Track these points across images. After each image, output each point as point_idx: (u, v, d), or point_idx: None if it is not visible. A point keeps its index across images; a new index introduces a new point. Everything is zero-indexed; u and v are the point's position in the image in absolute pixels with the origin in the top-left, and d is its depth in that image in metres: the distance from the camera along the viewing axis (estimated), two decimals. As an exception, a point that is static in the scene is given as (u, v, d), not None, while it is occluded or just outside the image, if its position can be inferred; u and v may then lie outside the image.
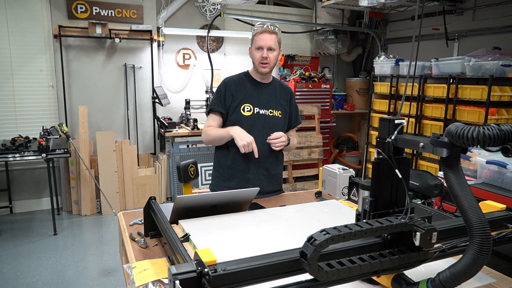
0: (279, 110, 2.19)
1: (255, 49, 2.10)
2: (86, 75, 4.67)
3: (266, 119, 2.15)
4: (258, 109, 2.14)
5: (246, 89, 2.16)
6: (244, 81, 2.18)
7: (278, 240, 1.44)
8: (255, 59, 2.12)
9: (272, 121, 2.16)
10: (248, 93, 2.15)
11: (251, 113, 2.13)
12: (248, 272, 0.85)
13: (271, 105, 2.17)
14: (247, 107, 2.13)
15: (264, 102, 2.16)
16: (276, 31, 2.11)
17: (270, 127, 2.14)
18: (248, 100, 2.14)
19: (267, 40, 2.07)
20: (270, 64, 2.11)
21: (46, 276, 3.18)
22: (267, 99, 2.18)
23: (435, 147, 0.93)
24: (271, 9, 5.68)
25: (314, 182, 5.05)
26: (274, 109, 2.18)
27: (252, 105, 2.14)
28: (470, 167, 2.17)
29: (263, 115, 2.14)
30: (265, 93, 2.18)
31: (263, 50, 2.07)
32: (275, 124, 2.17)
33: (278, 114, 2.19)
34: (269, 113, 2.16)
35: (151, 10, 4.84)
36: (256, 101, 2.15)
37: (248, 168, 2.14)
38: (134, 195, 4.71)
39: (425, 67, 4.23)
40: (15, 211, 4.54)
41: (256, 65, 2.13)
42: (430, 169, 4.07)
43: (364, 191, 1.15)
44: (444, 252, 1.05)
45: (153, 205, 1.46)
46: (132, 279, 1.20)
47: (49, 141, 3.91)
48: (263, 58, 2.08)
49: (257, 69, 2.14)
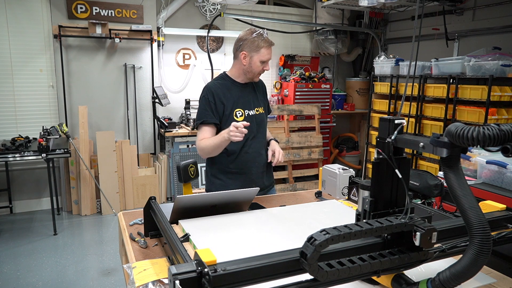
0: (261, 106, 2.22)
1: (260, 61, 2.07)
2: (86, 75, 4.67)
3: (256, 118, 2.16)
4: (248, 111, 2.15)
5: (233, 94, 2.13)
6: (228, 86, 2.15)
7: (278, 240, 1.44)
8: (255, 69, 2.08)
9: (260, 119, 2.19)
10: (236, 98, 2.13)
11: (243, 117, 2.12)
12: (248, 272, 0.85)
13: (255, 104, 2.19)
14: (239, 112, 2.12)
15: (250, 102, 2.17)
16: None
17: (260, 125, 2.18)
18: (237, 105, 2.12)
19: (271, 54, 2.09)
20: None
21: (46, 276, 3.18)
22: (252, 99, 2.19)
23: (435, 147, 0.93)
24: (271, 9, 5.68)
25: (314, 182, 5.05)
26: (258, 106, 2.20)
27: (242, 108, 2.13)
28: (470, 167, 2.17)
29: (253, 115, 2.16)
30: (248, 92, 2.19)
31: (266, 64, 2.09)
32: (262, 120, 2.21)
33: (262, 110, 2.22)
34: (256, 112, 2.18)
35: (151, 10, 4.84)
36: (244, 104, 2.14)
37: (250, 169, 2.16)
38: (134, 195, 4.71)
39: (425, 67, 4.23)
40: (15, 211, 4.54)
41: (253, 74, 2.11)
42: (430, 169, 4.07)
43: (364, 191, 1.15)
44: (444, 252, 1.05)
45: (153, 205, 1.46)
46: (132, 279, 1.20)
47: (49, 141, 3.91)
48: (264, 70, 2.11)
49: (251, 77, 2.13)
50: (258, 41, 2.04)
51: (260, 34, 2.07)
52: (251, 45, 2.05)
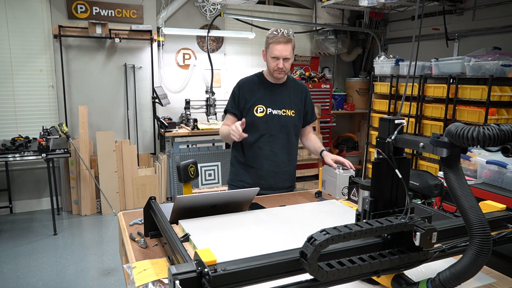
0: (292, 109, 2.24)
1: (271, 58, 2.12)
2: (86, 75, 4.67)
3: (279, 118, 2.20)
4: (271, 109, 2.20)
5: (259, 91, 2.21)
6: (258, 83, 2.23)
7: (278, 240, 1.44)
8: (270, 66, 2.15)
9: (285, 120, 2.21)
10: (261, 95, 2.20)
11: (263, 113, 2.19)
12: (248, 272, 0.85)
13: (284, 105, 2.22)
14: (260, 108, 2.19)
15: (277, 102, 2.21)
16: (291, 38, 2.11)
17: (283, 126, 2.21)
18: (261, 101, 2.20)
19: (283, 50, 2.08)
20: (285, 71, 2.16)
21: (46, 276, 3.18)
22: (280, 99, 2.22)
23: (435, 147, 0.93)
24: (271, 9, 5.68)
25: (314, 182, 5.04)
26: (287, 108, 2.22)
27: (265, 106, 2.19)
28: (470, 167, 2.17)
29: (276, 115, 2.20)
30: (278, 93, 2.23)
31: (279, 60, 2.10)
32: (287, 122, 2.22)
33: (291, 113, 2.23)
34: (281, 113, 2.21)
35: (151, 10, 4.84)
36: (269, 102, 2.20)
37: (261, 165, 2.21)
38: (134, 195, 4.71)
39: (425, 67, 4.23)
40: (15, 211, 4.54)
41: (271, 72, 2.17)
42: (430, 169, 4.06)
43: (364, 191, 1.15)
44: (444, 252, 1.05)
45: (153, 205, 1.46)
46: (132, 279, 1.20)
47: (49, 141, 3.90)
48: (279, 68, 2.11)
49: (272, 74, 2.18)
50: (270, 37, 2.12)
51: (275, 30, 2.11)
52: (266, 43, 2.16)
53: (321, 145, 2.31)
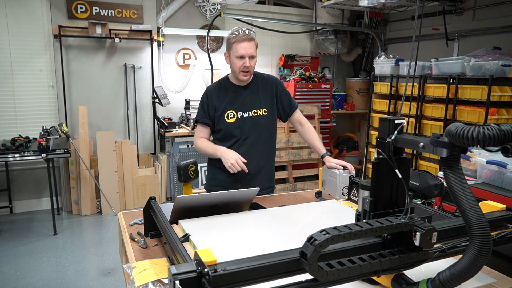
0: (263, 108, 2.21)
1: (236, 58, 2.08)
2: (86, 75, 4.67)
3: (251, 120, 2.17)
4: (242, 113, 2.17)
5: (227, 96, 2.18)
6: (225, 89, 2.20)
7: (278, 240, 1.44)
8: (235, 67, 2.11)
9: (257, 121, 2.19)
10: (229, 100, 2.17)
11: (235, 119, 2.16)
12: (248, 272, 0.85)
13: (254, 106, 2.19)
14: (231, 114, 2.16)
15: (247, 104, 2.18)
16: (254, 37, 2.11)
17: (256, 127, 2.18)
18: (230, 106, 2.16)
19: (248, 48, 2.06)
20: (251, 71, 2.13)
21: (46, 276, 3.18)
22: (249, 101, 2.19)
23: (435, 147, 0.93)
24: (271, 9, 5.68)
25: (314, 182, 5.04)
26: (258, 108, 2.19)
27: (235, 110, 2.16)
28: (470, 167, 2.17)
29: (247, 117, 2.17)
30: (247, 95, 2.19)
31: (245, 59, 2.07)
32: (259, 122, 2.19)
33: (263, 112, 2.20)
34: (253, 114, 2.18)
35: (151, 10, 4.84)
36: (239, 106, 2.17)
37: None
38: (134, 195, 4.71)
39: (425, 67, 4.23)
40: (15, 211, 4.54)
41: (236, 73, 2.13)
42: (430, 169, 4.06)
43: (364, 191, 1.15)
44: (444, 252, 1.05)
45: (153, 205, 1.46)
46: (132, 279, 1.20)
47: (49, 141, 3.90)
48: (245, 67, 2.08)
49: (237, 77, 2.14)
50: (231, 37, 2.09)
51: (236, 30, 2.09)
52: (227, 44, 2.14)
53: (322, 146, 2.26)
